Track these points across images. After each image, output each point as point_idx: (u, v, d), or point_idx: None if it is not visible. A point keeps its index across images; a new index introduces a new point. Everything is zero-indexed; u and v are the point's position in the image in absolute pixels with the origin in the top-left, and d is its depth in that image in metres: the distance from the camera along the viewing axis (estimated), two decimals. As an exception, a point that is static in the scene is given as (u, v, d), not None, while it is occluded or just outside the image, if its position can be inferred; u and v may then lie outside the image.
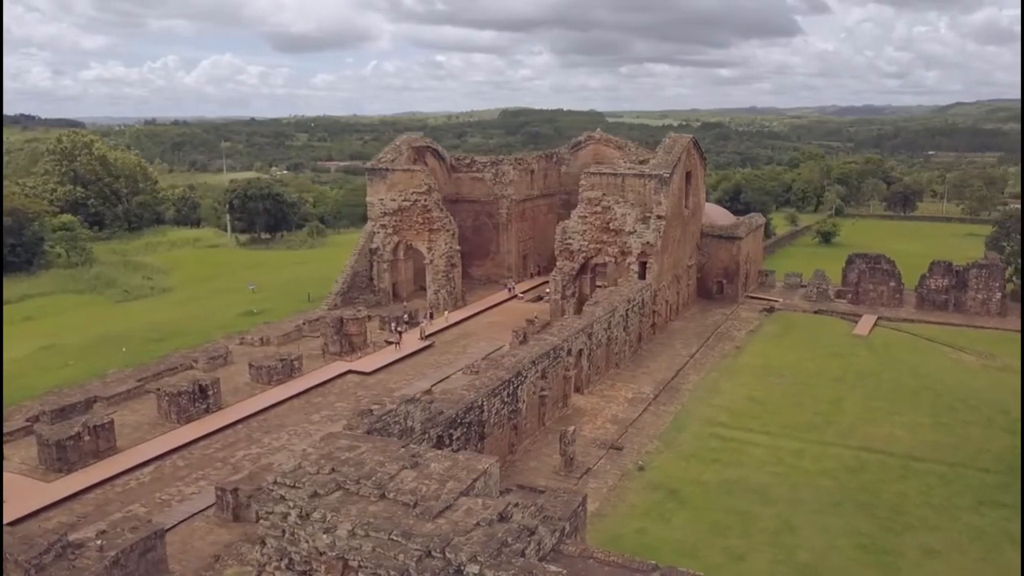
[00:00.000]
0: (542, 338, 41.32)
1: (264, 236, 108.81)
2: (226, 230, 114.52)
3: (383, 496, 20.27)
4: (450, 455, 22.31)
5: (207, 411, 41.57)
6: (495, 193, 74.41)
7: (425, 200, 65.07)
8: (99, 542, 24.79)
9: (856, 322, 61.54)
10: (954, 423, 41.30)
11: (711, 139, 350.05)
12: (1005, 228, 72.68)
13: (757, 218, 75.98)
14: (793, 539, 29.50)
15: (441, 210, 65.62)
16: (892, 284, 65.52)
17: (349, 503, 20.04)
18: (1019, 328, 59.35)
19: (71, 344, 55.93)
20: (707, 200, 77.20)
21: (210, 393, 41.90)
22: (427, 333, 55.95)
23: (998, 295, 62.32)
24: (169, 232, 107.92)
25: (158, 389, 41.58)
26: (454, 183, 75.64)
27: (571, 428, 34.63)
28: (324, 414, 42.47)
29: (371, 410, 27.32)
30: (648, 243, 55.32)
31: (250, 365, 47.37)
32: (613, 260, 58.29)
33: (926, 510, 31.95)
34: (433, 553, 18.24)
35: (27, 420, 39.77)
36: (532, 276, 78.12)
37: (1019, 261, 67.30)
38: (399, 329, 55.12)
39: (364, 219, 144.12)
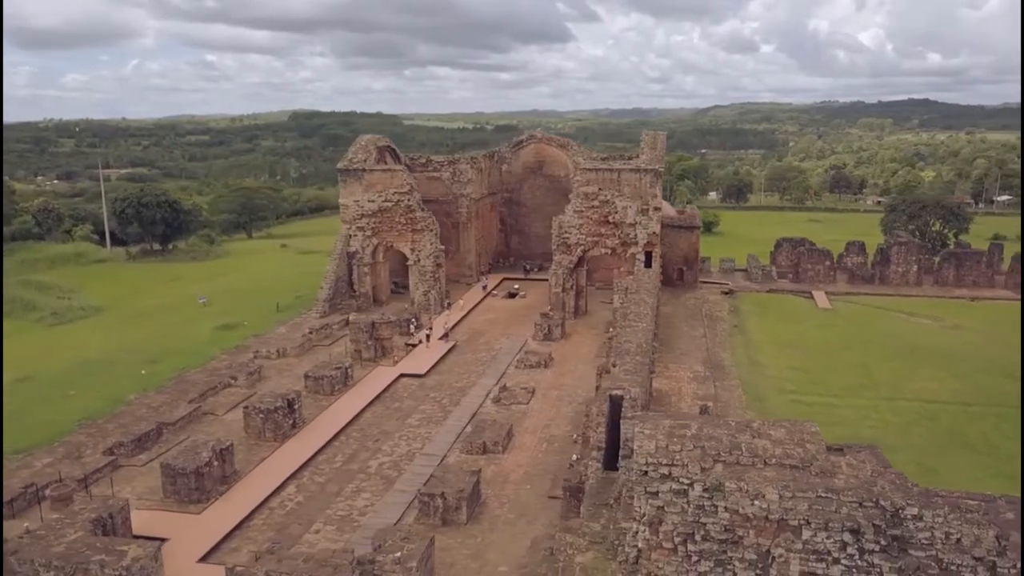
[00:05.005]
0: (628, 325, 42.97)
1: (155, 247, 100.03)
2: (104, 243, 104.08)
3: (766, 463, 21.47)
4: (777, 423, 23.79)
5: (294, 426, 39.24)
6: (453, 192, 74.37)
7: (408, 200, 64.08)
8: (398, 554, 23.66)
9: (810, 297, 68.72)
10: (963, 373, 48.12)
11: (506, 140, 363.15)
12: (899, 211, 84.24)
13: (695, 210, 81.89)
14: (941, 479, 33.63)
15: (423, 210, 64.87)
16: (827, 263, 73.70)
17: (741, 472, 21.05)
18: (938, 294, 69.45)
19: (50, 373, 49.44)
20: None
21: (296, 407, 39.55)
22: (450, 327, 55.65)
23: (915, 267, 72.21)
24: (44, 248, 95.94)
25: (245, 407, 38.64)
26: (410, 183, 74.53)
27: (708, 404, 36.81)
28: (417, 417, 41.47)
29: (614, 396, 27.97)
30: (654, 233, 58.55)
31: (306, 376, 44.97)
32: (611, 251, 60.90)
33: (1011, 443, 37.56)
34: (864, 504, 19.90)
35: (104, 453, 35.58)
36: (486, 274, 78.85)
37: (925, 240, 78.14)
38: (428, 331, 54.41)
39: (238, 226, 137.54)
